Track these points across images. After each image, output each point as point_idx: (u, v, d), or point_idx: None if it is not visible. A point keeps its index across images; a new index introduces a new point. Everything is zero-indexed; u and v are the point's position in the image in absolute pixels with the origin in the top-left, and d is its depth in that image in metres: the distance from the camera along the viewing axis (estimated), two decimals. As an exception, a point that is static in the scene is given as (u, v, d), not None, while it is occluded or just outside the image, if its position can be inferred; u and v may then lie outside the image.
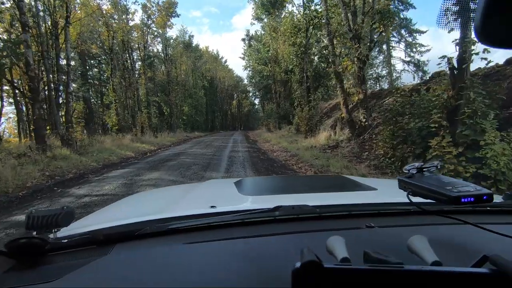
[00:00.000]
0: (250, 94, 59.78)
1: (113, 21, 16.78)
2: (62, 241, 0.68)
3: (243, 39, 33.49)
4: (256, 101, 60.01)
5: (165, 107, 30.45)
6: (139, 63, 22.60)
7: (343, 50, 10.98)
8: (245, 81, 54.07)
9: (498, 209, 0.85)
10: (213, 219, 0.78)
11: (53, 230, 0.68)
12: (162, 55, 28.36)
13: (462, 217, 0.67)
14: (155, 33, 25.14)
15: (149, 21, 20.36)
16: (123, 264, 0.63)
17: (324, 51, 13.58)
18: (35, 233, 0.65)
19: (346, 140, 9.68)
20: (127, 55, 19.01)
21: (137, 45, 21.05)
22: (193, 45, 38.23)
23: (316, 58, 15.96)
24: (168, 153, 11.58)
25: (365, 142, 8.76)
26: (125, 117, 19.55)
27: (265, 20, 23.42)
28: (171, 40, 32.67)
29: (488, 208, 0.83)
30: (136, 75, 24.18)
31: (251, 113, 66.16)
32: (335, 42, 10.14)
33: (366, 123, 9.04)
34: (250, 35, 32.62)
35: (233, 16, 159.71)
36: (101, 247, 0.69)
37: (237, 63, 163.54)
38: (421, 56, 27.42)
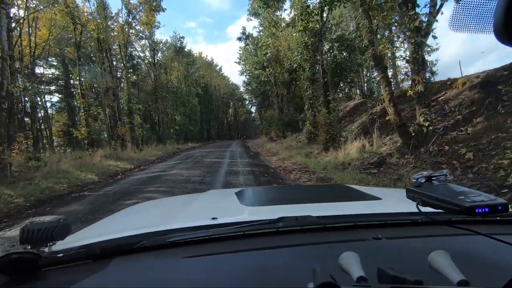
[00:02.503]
0: (247, 102, 57.71)
1: (81, 13, 13.75)
2: (57, 255, 0.65)
3: (239, 38, 30.48)
4: (253, 109, 57.75)
5: (155, 116, 27.45)
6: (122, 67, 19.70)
7: (380, 30, 8.06)
8: (241, 89, 51.77)
9: (510, 218, 0.79)
10: (214, 231, 0.74)
11: (48, 244, 0.65)
12: (150, 58, 25.45)
13: (472, 227, 0.64)
14: (139, 34, 22.32)
15: (130, 17, 17.39)
16: (120, 280, 0.60)
17: (345, 38, 10.73)
18: (29, 247, 0.63)
19: (396, 153, 6.63)
20: (104, 56, 15.97)
21: (116, 45, 18.06)
22: (186, 49, 35.38)
23: (335, 46, 12.93)
24: (140, 176, 8.39)
25: (434, 157, 5.70)
26: (109, 127, 16.59)
27: (263, 15, 20.68)
28: (161, 44, 29.97)
29: (498, 217, 0.78)
30: (120, 79, 21.32)
31: (248, 121, 64.39)
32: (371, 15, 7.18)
33: (430, 128, 6.02)
34: (247, 33, 29.72)
35: (228, 26, 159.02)
36: (98, 261, 0.65)
37: (232, 72, 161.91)
38: (429, 55, 25.03)
